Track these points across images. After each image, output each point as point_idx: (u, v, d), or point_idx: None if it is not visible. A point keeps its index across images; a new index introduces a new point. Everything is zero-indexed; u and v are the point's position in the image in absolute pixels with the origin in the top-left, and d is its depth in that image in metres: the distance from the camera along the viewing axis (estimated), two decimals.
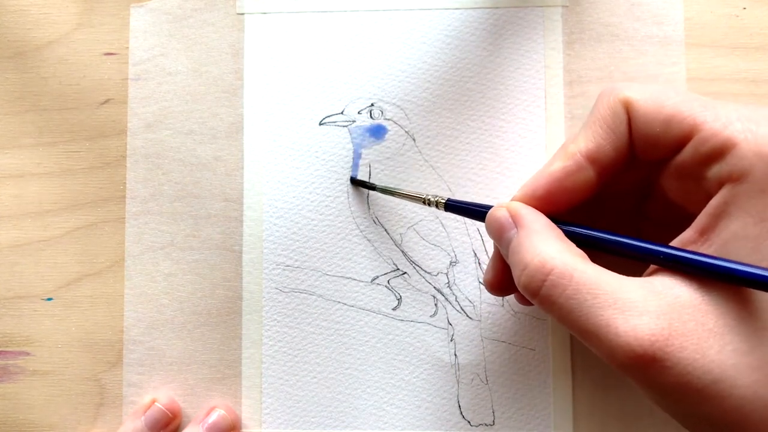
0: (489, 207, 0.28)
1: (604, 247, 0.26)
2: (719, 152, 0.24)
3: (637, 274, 0.26)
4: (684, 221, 0.25)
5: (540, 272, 0.24)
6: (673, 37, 0.34)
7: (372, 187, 0.33)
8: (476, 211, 0.29)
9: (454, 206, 0.30)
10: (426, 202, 0.31)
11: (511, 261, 0.26)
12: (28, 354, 0.35)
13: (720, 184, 0.24)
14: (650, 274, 0.25)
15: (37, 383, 0.34)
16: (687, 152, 0.25)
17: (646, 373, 0.22)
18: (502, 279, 0.29)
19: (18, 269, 0.35)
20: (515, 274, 0.25)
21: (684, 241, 0.25)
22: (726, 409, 0.22)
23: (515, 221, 0.26)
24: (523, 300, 0.31)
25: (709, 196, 0.24)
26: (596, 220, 0.29)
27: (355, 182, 0.34)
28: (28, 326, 0.35)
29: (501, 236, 0.27)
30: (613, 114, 0.26)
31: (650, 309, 0.23)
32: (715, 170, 0.24)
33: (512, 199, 0.28)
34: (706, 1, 0.34)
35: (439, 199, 0.30)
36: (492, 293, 0.30)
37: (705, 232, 0.24)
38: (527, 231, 0.26)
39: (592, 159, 0.26)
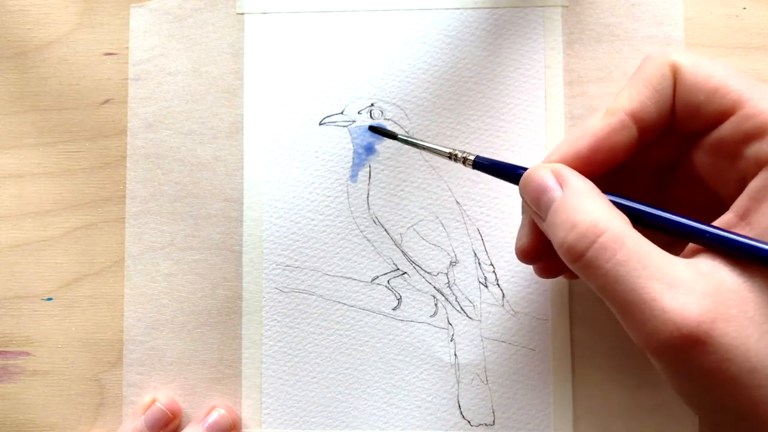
0: (523, 168, 0.27)
1: (645, 221, 0.25)
2: (761, 131, 0.23)
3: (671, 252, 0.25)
4: (708, 204, 0.25)
5: (591, 232, 0.23)
6: (673, 37, 0.34)
7: (393, 135, 0.33)
8: (509, 172, 0.28)
9: (483, 164, 0.29)
10: (452, 157, 0.30)
11: (553, 222, 0.24)
12: (28, 354, 0.35)
13: (759, 164, 0.23)
14: (693, 256, 0.24)
15: (37, 383, 0.34)
16: (727, 127, 0.24)
17: (686, 356, 0.22)
18: (537, 244, 0.28)
19: (18, 269, 0.35)
20: (559, 234, 0.24)
21: (724, 223, 0.24)
22: (757, 399, 0.22)
23: (560, 181, 0.25)
24: (546, 271, 0.30)
25: (743, 177, 0.24)
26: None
27: (375, 130, 0.33)
28: (28, 326, 0.35)
29: (540, 197, 0.25)
30: (660, 75, 0.25)
31: (698, 289, 0.22)
32: (755, 149, 0.23)
33: (549, 160, 0.27)
34: (706, 1, 0.34)
35: (468, 155, 0.29)
36: (523, 260, 0.29)
37: (746, 216, 0.23)
38: (574, 191, 0.24)
39: (637, 118, 0.25)
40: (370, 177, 0.34)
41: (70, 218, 0.35)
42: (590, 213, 0.23)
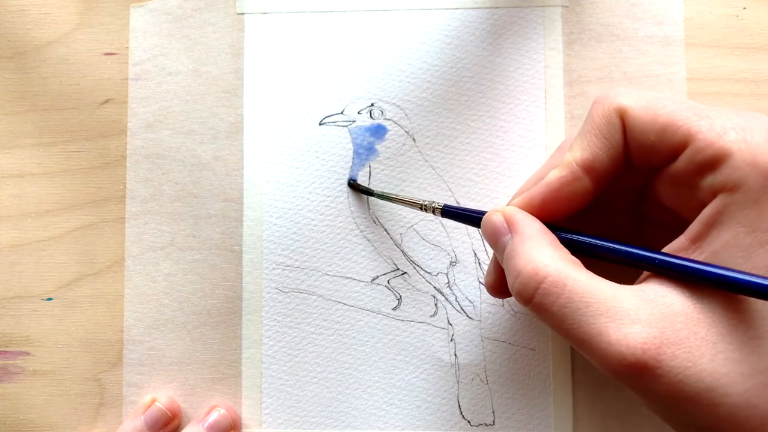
0: (484, 213, 0.28)
1: (597, 254, 0.26)
2: (713, 162, 0.24)
3: (631, 279, 0.25)
4: (682, 224, 0.25)
5: (533, 280, 0.24)
6: (673, 37, 0.34)
7: (369, 192, 0.34)
8: (472, 217, 0.29)
9: (450, 212, 0.30)
10: (423, 207, 0.31)
11: (505, 267, 0.26)
12: (28, 354, 0.35)
13: (714, 193, 0.24)
14: (643, 281, 0.25)
15: (37, 383, 0.35)
16: (682, 161, 0.25)
17: (639, 381, 0.23)
18: (501, 281, 0.29)
19: (18, 269, 0.35)
20: (509, 280, 0.26)
21: (676, 248, 0.25)
22: (718, 416, 0.22)
23: (510, 226, 0.26)
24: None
25: (703, 204, 0.24)
26: (595, 222, 0.28)
27: (353, 186, 0.34)
28: (28, 326, 0.35)
29: (496, 241, 0.27)
30: (607, 123, 0.26)
31: (642, 317, 0.23)
32: (709, 180, 0.24)
33: (511, 201, 0.28)
34: (706, 1, 0.34)
35: (436, 205, 0.31)
36: (492, 295, 0.30)
37: (697, 240, 0.24)
38: (521, 237, 0.26)
39: (588, 168, 0.26)
40: (370, 177, 0.34)
41: (70, 218, 0.35)
42: (531, 261, 0.25)
